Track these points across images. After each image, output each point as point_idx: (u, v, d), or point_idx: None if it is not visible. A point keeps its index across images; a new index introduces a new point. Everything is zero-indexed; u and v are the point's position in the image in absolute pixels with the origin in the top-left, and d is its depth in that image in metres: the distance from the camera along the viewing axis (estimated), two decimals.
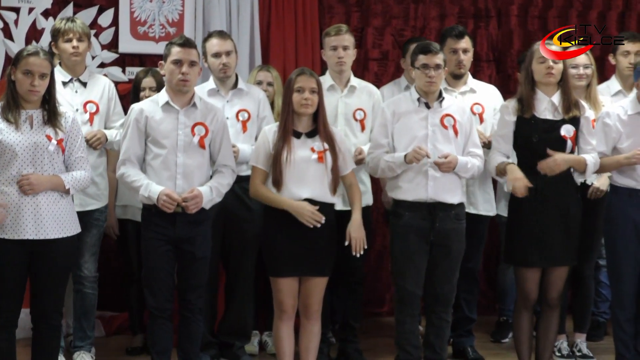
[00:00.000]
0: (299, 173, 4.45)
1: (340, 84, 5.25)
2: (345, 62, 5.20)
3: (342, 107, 5.22)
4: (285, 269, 4.47)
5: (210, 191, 4.45)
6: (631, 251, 4.79)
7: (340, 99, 5.23)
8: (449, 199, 4.66)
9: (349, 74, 5.28)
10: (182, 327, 4.57)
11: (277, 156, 4.46)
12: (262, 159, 4.52)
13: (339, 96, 5.23)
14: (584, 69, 5.26)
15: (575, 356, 5.44)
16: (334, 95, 5.21)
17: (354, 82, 5.30)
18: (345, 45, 5.18)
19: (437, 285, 4.72)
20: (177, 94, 4.48)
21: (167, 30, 6.04)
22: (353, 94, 5.26)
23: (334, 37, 5.19)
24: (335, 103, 5.20)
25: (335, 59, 5.19)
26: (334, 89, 5.23)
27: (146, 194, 4.39)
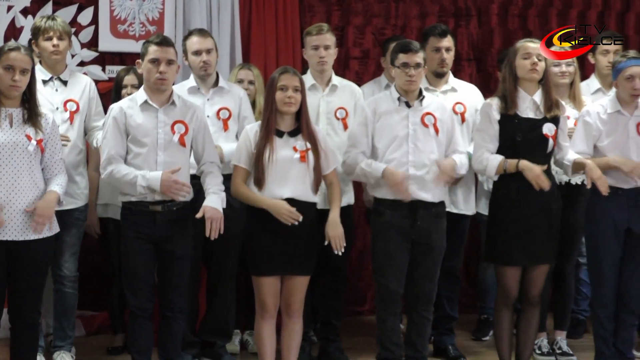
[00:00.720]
0: (281, 172, 4.45)
1: (322, 83, 5.25)
2: (326, 62, 5.20)
3: (323, 106, 5.22)
4: (267, 267, 4.47)
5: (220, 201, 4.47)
6: (611, 249, 4.83)
7: (321, 98, 5.23)
8: (429, 197, 4.67)
9: (330, 73, 5.28)
10: (163, 326, 4.56)
11: (259, 155, 4.45)
12: (244, 158, 4.51)
13: (321, 95, 5.23)
14: (566, 67, 5.29)
15: (556, 354, 5.46)
16: (315, 94, 5.21)
17: (336, 81, 5.30)
18: (327, 44, 5.18)
19: (419, 283, 4.73)
20: (156, 93, 4.47)
21: (148, 29, 6.01)
22: (334, 93, 5.26)
23: (315, 36, 5.18)
24: (317, 102, 5.19)
25: (317, 59, 5.19)
26: (315, 88, 5.23)
27: (145, 184, 4.35)
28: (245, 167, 4.50)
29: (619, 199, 4.80)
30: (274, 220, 4.42)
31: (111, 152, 4.43)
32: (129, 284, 4.47)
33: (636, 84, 4.75)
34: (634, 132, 4.82)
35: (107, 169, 4.43)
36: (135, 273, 4.44)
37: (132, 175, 4.37)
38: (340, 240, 4.53)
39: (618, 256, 4.84)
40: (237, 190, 4.53)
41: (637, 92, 4.77)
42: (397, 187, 4.59)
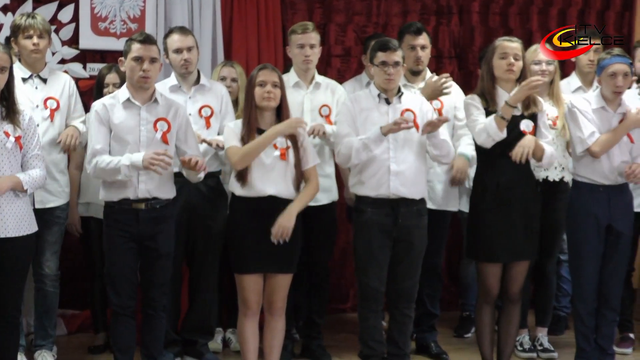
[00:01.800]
0: (263, 170, 4.45)
1: (306, 81, 5.25)
2: (311, 60, 5.21)
3: (307, 104, 5.23)
4: (250, 265, 4.47)
5: None
6: (592, 245, 4.85)
7: (305, 96, 5.23)
8: (411, 194, 4.68)
9: (313, 71, 5.29)
10: (145, 324, 4.55)
11: None
12: (236, 140, 4.47)
13: (305, 93, 5.23)
14: (546, 65, 5.31)
15: (537, 350, 5.49)
16: (299, 92, 5.21)
17: (319, 78, 5.30)
18: (312, 43, 5.19)
19: (400, 281, 4.74)
20: (138, 91, 4.46)
21: (129, 26, 5.99)
22: (318, 91, 5.27)
23: (300, 35, 5.18)
24: (301, 100, 5.20)
25: (302, 57, 5.19)
26: (299, 86, 5.23)
27: (128, 162, 4.31)
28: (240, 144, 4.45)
29: (601, 196, 4.83)
30: (256, 218, 4.43)
31: (96, 147, 4.41)
32: (112, 282, 4.46)
33: (618, 82, 4.78)
34: None
35: (92, 162, 4.41)
36: (118, 271, 4.43)
37: (116, 160, 4.35)
38: (285, 232, 4.43)
39: (599, 253, 4.87)
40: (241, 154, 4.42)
41: (620, 89, 4.80)
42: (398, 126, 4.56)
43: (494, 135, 4.60)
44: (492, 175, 4.70)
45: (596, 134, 4.78)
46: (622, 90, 4.81)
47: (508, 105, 4.59)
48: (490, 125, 4.60)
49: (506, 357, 4.91)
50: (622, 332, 5.61)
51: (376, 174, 4.66)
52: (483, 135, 4.63)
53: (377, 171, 4.66)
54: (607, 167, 4.82)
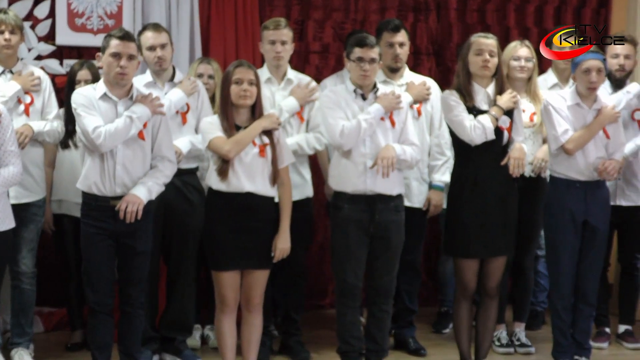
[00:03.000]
0: (244, 166, 4.44)
1: (277, 77, 5.25)
2: (282, 57, 5.20)
3: (279, 100, 5.22)
4: (226, 262, 4.46)
5: (146, 191, 4.39)
6: (569, 241, 4.88)
7: (277, 92, 5.23)
8: (388, 190, 4.68)
9: (285, 67, 5.28)
10: (123, 322, 4.53)
11: None
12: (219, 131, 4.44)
13: (276, 89, 5.23)
14: (525, 62, 5.33)
15: (514, 345, 5.52)
16: (270, 88, 5.21)
17: (291, 74, 5.30)
18: (284, 40, 5.18)
19: (378, 277, 4.75)
20: (115, 87, 4.43)
21: (106, 23, 5.96)
22: (289, 87, 5.26)
23: (272, 31, 5.18)
24: (273, 96, 5.20)
25: (273, 53, 5.18)
26: (271, 82, 5.23)
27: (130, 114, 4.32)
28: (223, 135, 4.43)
29: (577, 192, 4.86)
30: (233, 214, 4.42)
31: (97, 124, 4.31)
32: (89, 279, 4.44)
33: (592, 77, 4.81)
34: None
35: (100, 135, 4.29)
36: (95, 269, 4.40)
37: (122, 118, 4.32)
38: (285, 254, 4.55)
39: (576, 248, 4.90)
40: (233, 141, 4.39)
41: (594, 84, 4.83)
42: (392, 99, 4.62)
43: (489, 135, 4.65)
44: (469, 171, 4.72)
45: (569, 132, 4.81)
46: (596, 86, 4.84)
47: (499, 107, 4.66)
48: (487, 124, 4.63)
49: (484, 353, 4.93)
50: (598, 326, 5.66)
51: (353, 170, 4.66)
52: (478, 132, 4.64)
53: (354, 168, 4.66)
54: (582, 164, 4.86)
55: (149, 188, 4.41)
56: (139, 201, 4.34)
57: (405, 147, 4.71)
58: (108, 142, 4.31)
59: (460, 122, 4.68)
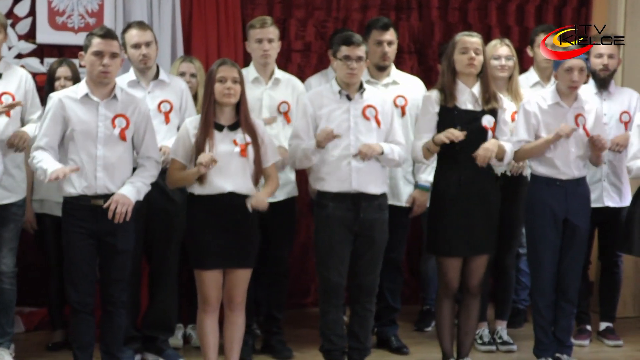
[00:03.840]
0: (222, 166, 4.42)
1: (265, 77, 5.24)
2: (270, 55, 5.20)
3: (266, 100, 5.22)
4: (209, 261, 4.45)
5: (135, 191, 4.40)
6: (550, 239, 4.91)
7: (264, 92, 5.22)
8: (372, 189, 4.69)
9: (273, 66, 5.28)
10: (104, 321, 4.51)
11: (199, 149, 4.43)
12: (181, 152, 4.49)
13: (264, 89, 5.23)
14: (505, 60, 5.35)
15: (496, 343, 5.53)
16: (258, 87, 5.21)
17: (278, 74, 5.29)
18: (270, 37, 5.18)
19: (361, 275, 4.75)
20: (98, 86, 4.41)
21: (87, 21, 5.93)
22: (277, 87, 5.26)
23: (259, 29, 5.17)
24: (260, 95, 5.19)
25: (260, 52, 5.17)
26: (258, 82, 5.22)
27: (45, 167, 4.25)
28: (181, 160, 4.49)
29: (558, 190, 4.89)
30: (214, 213, 4.41)
31: (41, 142, 4.37)
32: (70, 279, 4.41)
33: (574, 76, 4.83)
34: (572, 123, 4.90)
35: (31, 155, 4.38)
36: (76, 268, 4.38)
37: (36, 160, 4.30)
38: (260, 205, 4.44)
39: (557, 246, 4.93)
40: (172, 177, 4.52)
41: (576, 84, 4.86)
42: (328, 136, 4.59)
43: (420, 161, 4.93)
44: (453, 170, 4.73)
45: (522, 142, 4.88)
46: (577, 85, 4.87)
47: (434, 143, 4.70)
48: (418, 152, 4.78)
49: (466, 351, 4.95)
50: (579, 324, 5.69)
51: (337, 170, 4.67)
52: (413, 155, 4.89)
53: (338, 168, 4.66)
54: (562, 163, 4.88)
55: (137, 188, 4.41)
56: (128, 202, 4.34)
57: (394, 147, 4.73)
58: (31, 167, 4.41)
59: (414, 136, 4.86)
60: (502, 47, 5.37)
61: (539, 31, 5.83)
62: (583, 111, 4.93)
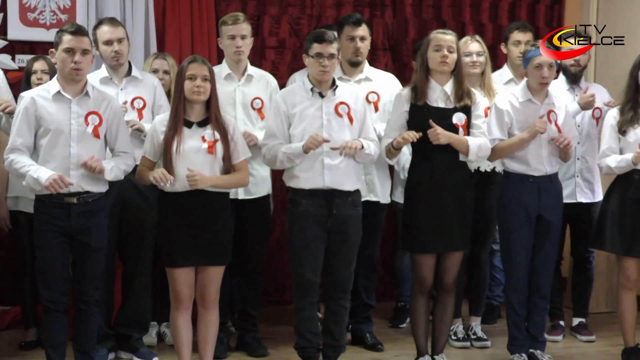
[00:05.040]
0: (190, 163, 4.41)
1: (237, 73, 5.23)
2: (243, 52, 5.18)
3: (239, 96, 5.20)
4: (180, 259, 4.43)
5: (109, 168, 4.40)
6: (523, 236, 4.93)
7: (237, 88, 5.21)
8: (345, 186, 4.69)
9: (245, 62, 5.26)
10: (78, 320, 4.49)
11: (167, 146, 4.41)
12: (149, 149, 4.48)
13: (236, 85, 5.21)
14: (477, 57, 5.37)
15: (471, 339, 5.56)
16: (231, 84, 5.19)
17: (251, 70, 5.28)
18: (243, 34, 5.16)
19: (335, 272, 4.76)
20: (69, 83, 4.39)
21: (59, 17, 5.88)
22: (250, 83, 5.25)
23: (231, 26, 5.16)
24: (233, 92, 5.18)
25: (233, 48, 5.16)
26: (231, 78, 5.21)
27: (35, 176, 4.25)
28: (150, 158, 4.48)
29: (530, 187, 4.91)
30: (186, 210, 4.40)
31: (16, 142, 4.34)
32: (43, 277, 4.39)
33: (544, 73, 4.86)
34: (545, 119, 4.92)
35: (9, 158, 4.35)
36: (49, 266, 4.36)
37: (26, 169, 4.29)
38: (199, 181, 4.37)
39: (530, 242, 4.95)
40: (139, 174, 4.52)
41: (546, 80, 4.88)
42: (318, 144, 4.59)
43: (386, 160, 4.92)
44: (426, 166, 4.74)
45: (496, 141, 4.88)
46: (547, 82, 4.90)
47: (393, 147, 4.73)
48: (383, 151, 4.82)
49: (440, 347, 4.96)
50: (552, 320, 5.72)
51: (311, 167, 4.66)
52: (383, 155, 4.89)
53: (312, 165, 4.66)
54: (534, 160, 4.91)
55: (111, 167, 4.41)
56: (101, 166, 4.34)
57: (369, 142, 4.74)
58: (8, 169, 4.41)
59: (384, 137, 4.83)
60: (473, 44, 5.39)
61: (512, 28, 5.86)
62: (554, 107, 4.96)
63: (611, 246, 5.06)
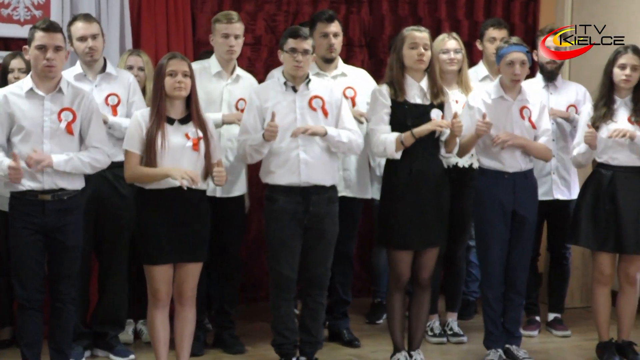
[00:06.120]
0: (173, 160, 4.39)
1: (227, 72, 5.22)
2: (235, 51, 5.18)
3: (226, 95, 5.19)
4: (158, 256, 4.42)
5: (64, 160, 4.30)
6: (498, 232, 4.95)
7: (225, 87, 5.20)
8: (321, 181, 4.70)
9: (235, 62, 5.26)
10: (53, 318, 4.46)
11: (150, 142, 4.39)
12: (137, 143, 4.42)
13: (225, 84, 5.20)
14: (454, 54, 5.39)
15: (447, 335, 5.58)
16: (220, 82, 5.18)
17: (239, 71, 5.28)
18: (237, 33, 5.16)
19: (312, 268, 4.76)
20: (43, 80, 4.35)
21: (33, 13, 5.83)
22: (238, 83, 5.24)
23: (225, 24, 5.14)
24: (221, 90, 5.17)
25: (226, 47, 5.14)
26: (220, 76, 5.20)
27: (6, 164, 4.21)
28: (138, 152, 4.42)
29: (505, 183, 4.93)
30: (164, 207, 4.39)
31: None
32: (18, 275, 4.36)
33: (516, 70, 4.89)
34: (517, 116, 4.95)
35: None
36: (24, 264, 4.33)
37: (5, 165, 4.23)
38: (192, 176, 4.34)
39: (505, 238, 4.98)
40: (134, 173, 4.42)
41: (518, 77, 4.91)
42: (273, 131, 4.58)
43: (390, 155, 4.74)
44: (404, 163, 4.75)
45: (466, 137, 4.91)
46: (519, 79, 4.93)
47: (412, 135, 4.67)
48: (390, 144, 4.69)
49: (417, 343, 4.97)
50: (528, 315, 5.76)
51: (286, 163, 4.67)
52: (380, 149, 4.75)
53: (287, 160, 4.67)
54: (508, 156, 4.93)
55: (69, 159, 4.33)
56: (47, 157, 4.26)
57: (342, 131, 4.73)
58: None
59: (373, 133, 4.77)
60: (450, 41, 5.41)
61: (487, 25, 5.89)
62: (527, 103, 4.99)
63: (585, 241, 5.09)
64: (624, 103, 5.04)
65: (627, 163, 4.99)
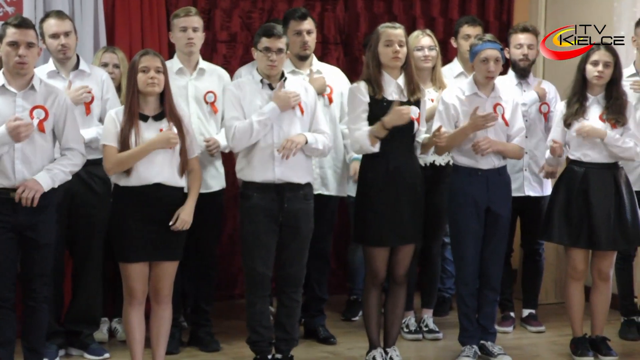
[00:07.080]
0: (148, 157, 4.38)
1: (189, 67, 5.21)
2: (194, 44, 5.16)
3: (192, 90, 5.18)
4: (134, 254, 4.41)
5: (49, 178, 4.30)
6: (472, 228, 4.97)
7: (189, 82, 5.19)
8: (296, 179, 4.69)
9: (197, 56, 5.24)
10: (26, 317, 4.43)
11: (124, 140, 4.38)
12: (114, 137, 4.40)
13: (188, 79, 5.19)
14: (428, 51, 5.40)
15: (423, 331, 5.59)
16: (183, 78, 5.17)
17: (203, 65, 5.26)
18: (195, 26, 5.14)
19: (287, 265, 4.76)
20: (15, 77, 4.33)
21: (5, 10, 5.78)
22: (202, 77, 5.23)
23: (182, 18, 5.14)
24: (185, 86, 5.15)
25: (185, 40, 5.13)
26: (182, 72, 5.18)
27: None
28: (116, 145, 4.40)
29: (479, 180, 4.95)
30: (140, 205, 4.38)
31: None
32: None
33: (490, 67, 4.91)
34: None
35: None
36: None
37: None
38: (186, 226, 4.45)
39: (479, 235, 5.00)
40: (117, 160, 4.37)
41: (492, 74, 4.93)
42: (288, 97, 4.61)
43: (367, 150, 4.74)
44: (381, 160, 4.75)
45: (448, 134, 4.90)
46: (493, 75, 4.95)
47: (383, 127, 4.66)
48: (363, 140, 4.70)
49: (392, 339, 4.99)
50: (503, 311, 5.79)
51: (261, 159, 4.66)
52: (356, 147, 4.80)
53: (262, 157, 4.66)
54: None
55: (52, 176, 4.32)
56: (37, 187, 4.25)
57: (317, 136, 4.73)
58: None
59: (352, 131, 4.78)
60: (424, 38, 5.42)
61: (462, 22, 5.91)
62: (501, 100, 5.01)
63: (558, 237, 5.13)
64: (597, 100, 5.07)
65: (599, 160, 5.03)
